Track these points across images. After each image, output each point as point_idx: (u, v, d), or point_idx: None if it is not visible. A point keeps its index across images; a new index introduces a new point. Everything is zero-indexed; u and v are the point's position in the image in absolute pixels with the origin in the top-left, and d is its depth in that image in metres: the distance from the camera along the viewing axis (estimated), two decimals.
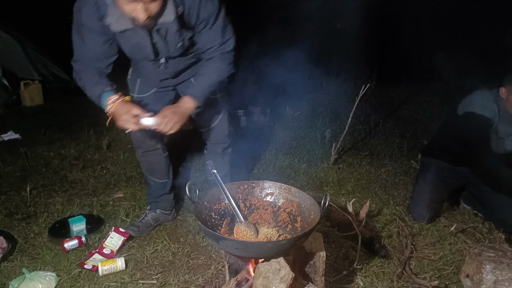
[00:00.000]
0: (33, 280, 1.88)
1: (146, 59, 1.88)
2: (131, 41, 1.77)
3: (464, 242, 2.30)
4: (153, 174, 2.33)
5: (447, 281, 2.02)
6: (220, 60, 1.88)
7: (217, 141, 2.32)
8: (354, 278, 1.99)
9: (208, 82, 1.91)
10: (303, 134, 4.12)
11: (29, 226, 2.43)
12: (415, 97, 5.41)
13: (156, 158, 2.25)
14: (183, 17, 1.71)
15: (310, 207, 1.57)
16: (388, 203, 2.76)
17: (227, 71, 1.93)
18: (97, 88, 1.78)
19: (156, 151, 2.22)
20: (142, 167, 2.37)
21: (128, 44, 1.81)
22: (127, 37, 1.74)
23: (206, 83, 1.91)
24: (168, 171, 2.36)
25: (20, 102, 5.04)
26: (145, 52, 1.81)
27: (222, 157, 2.38)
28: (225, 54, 1.88)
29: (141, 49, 1.80)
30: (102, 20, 1.66)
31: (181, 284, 1.96)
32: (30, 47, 5.46)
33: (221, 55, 1.87)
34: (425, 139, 3.91)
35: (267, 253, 1.39)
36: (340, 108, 4.87)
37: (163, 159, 2.27)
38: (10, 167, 3.22)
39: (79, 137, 3.83)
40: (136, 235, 2.31)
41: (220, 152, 2.36)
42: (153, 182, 2.35)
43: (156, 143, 2.18)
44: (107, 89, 1.78)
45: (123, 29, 1.65)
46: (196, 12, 1.71)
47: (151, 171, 2.32)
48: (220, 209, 1.63)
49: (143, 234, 2.34)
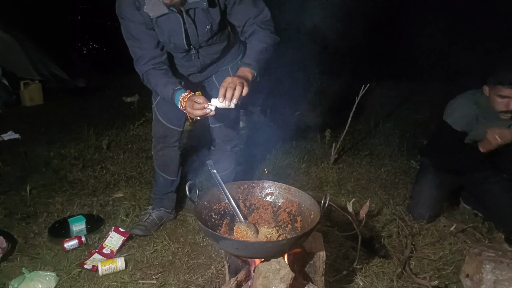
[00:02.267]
0: (33, 280, 1.88)
1: (179, 48, 1.94)
2: (166, 28, 1.84)
3: (464, 242, 2.30)
4: (165, 171, 2.35)
5: (447, 281, 2.01)
6: (262, 30, 1.85)
7: (227, 138, 2.31)
8: (354, 278, 1.99)
9: (259, 48, 1.83)
10: (303, 133, 4.12)
11: (29, 226, 2.43)
12: (415, 97, 5.40)
13: (172, 154, 2.30)
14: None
15: (310, 207, 1.57)
16: (388, 203, 2.76)
17: (273, 38, 1.87)
18: (168, 89, 1.83)
19: (174, 147, 2.28)
20: (155, 162, 2.37)
21: (164, 32, 1.86)
22: (163, 23, 1.82)
23: (257, 49, 1.82)
24: (179, 170, 2.39)
25: (20, 102, 5.04)
26: (179, 39, 1.88)
27: (230, 155, 2.37)
28: (265, 23, 1.86)
29: (176, 36, 1.86)
30: (141, 10, 1.77)
31: (181, 284, 1.96)
32: (30, 47, 5.47)
33: (262, 24, 1.85)
34: (425, 139, 3.90)
35: (267, 253, 1.39)
36: (340, 108, 4.87)
37: (178, 156, 2.32)
38: (10, 167, 3.22)
39: (79, 137, 3.83)
40: (144, 234, 2.31)
41: (228, 149, 2.35)
42: (163, 178, 2.37)
43: (175, 140, 2.25)
44: (177, 88, 1.80)
45: (160, 14, 1.77)
46: None
47: (164, 167, 2.34)
48: (220, 209, 1.63)
49: (151, 233, 2.35)
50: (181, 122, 2.22)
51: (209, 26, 1.85)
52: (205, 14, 1.82)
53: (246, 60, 1.80)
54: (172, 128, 2.21)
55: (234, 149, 2.38)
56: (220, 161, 2.38)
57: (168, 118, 2.19)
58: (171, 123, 2.20)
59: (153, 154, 2.36)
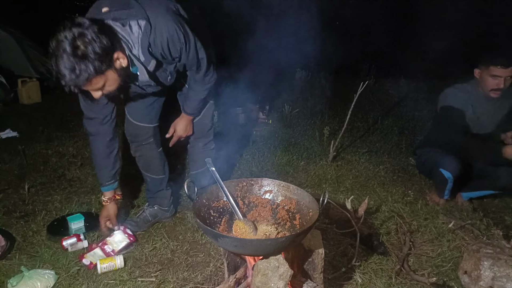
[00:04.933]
0: (31, 278, 1.88)
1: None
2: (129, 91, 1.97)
3: (462, 239, 2.31)
4: (148, 170, 2.35)
5: (445, 278, 2.02)
6: (201, 83, 2.02)
7: (197, 135, 2.32)
8: (352, 275, 2.00)
9: (197, 101, 2.11)
10: (301, 131, 4.12)
11: (27, 224, 2.42)
12: (413, 94, 5.40)
13: (150, 153, 2.29)
14: (160, 62, 1.81)
15: (309, 204, 1.57)
16: (386, 200, 2.77)
17: (210, 86, 2.06)
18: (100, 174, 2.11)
19: (149, 145, 2.26)
20: (138, 164, 2.38)
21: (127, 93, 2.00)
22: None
23: (195, 102, 2.11)
24: (164, 167, 2.38)
25: (18, 100, 5.02)
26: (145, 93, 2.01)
27: (203, 152, 2.35)
28: (205, 75, 1.98)
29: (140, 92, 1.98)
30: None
31: (180, 281, 1.96)
32: (28, 45, 5.45)
33: (202, 77, 1.99)
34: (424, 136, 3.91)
35: (265, 250, 1.39)
36: (339, 105, 4.87)
37: (157, 154, 2.30)
38: (8, 165, 3.22)
39: (77, 135, 3.83)
40: (134, 230, 2.31)
41: (200, 147, 2.35)
42: (150, 178, 2.38)
43: (148, 137, 2.24)
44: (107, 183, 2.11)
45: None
46: (168, 53, 1.78)
47: (147, 167, 2.34)
48: (218, 207, 1.63)
49: (141, 230, 2.35)
50: (151, 119, 2.21)
51: (169, 77, 1.92)
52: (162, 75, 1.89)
53: (187, 109, 2.15)
54: (142, 126, 2.20)
55: (207, 146, 2.37)
56: (193, 159, 2.42)
57: (136, 116, 2.19)
58: (140, 120, 2.19)
59: (133, 156, 2.36)
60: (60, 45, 1.43)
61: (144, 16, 1.66)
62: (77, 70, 1.45)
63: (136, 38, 1.67)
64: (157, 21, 1.69)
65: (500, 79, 2.44)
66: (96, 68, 1.48)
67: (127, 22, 1.65)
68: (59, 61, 1.44)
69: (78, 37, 1.43)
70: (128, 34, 1.65)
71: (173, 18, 1.74)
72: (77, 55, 1.44)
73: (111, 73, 1.57)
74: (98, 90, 1.59)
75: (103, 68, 1.51)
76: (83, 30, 1.44)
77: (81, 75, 1.47)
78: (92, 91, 1.59)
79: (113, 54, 1.56)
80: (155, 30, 1.68)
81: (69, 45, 1.42)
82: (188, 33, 1.79)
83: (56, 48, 1.44)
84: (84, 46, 1.44)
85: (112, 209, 2.15)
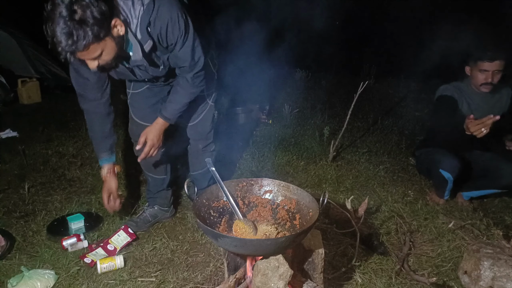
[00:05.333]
0: (31, 278, 1.88)
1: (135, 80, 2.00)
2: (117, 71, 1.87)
3: (462, 239, 2.31)
4: (151, 170, 2.34)
5: (445, 278, 2.02)
6: (190, 84, 1.93)
7: (198, 137, 2.31)
8: (352, 275, 2.00)
9: (179, 105, 1.98)
10: (301, 131, 4.12)
11: (27, 224, 2.42)
12: (413, 94, 5.41)
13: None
14: (156, 45, 1.75)
15: (309, 204, 1.57)
16: (386, 200, 2.77)
17: (197, 91, 1.99)
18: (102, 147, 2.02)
19: None
20: (140, 163, 2.36)
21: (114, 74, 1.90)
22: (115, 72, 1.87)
23: (177, 106, 1.98)
24: (166, 167, 2.37)
25: (18, 100, 5.02)
26: (132, 78, 1.94)
27: (202, 154, 2.34)
28: (195, 76, 1.91)
29: (128, 76, 1.92)
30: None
31: (180, 281, 1.96)
32: (28, 45, 5.44)
33: (192, 78, 1.91)
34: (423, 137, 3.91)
35: (265, 250, 1.39)
36: (339, 105, 4.88)
37: (160, 154, 2.27)
38: (8, 165, 3.22)
39: (77, 135, 3.83)
40: (134, 230, 2.31)
41: (200, 148, 2.34)
42: (151, 178, 2.37)
43: None
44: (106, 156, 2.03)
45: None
46: (165, 36, 1.73)
47: (149, 167, 2.33)
48: (218, 207, 1.63)
49: (141, 230, 2.35)
50: (155, 118, 2.13)
51: (161, 66, 1.86)
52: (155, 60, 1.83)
53: (166, 114, 1.98)
54: (146, 125, 2.10)
55: (207, 148, 2.36)
56: (193, 161, 2.40)
57: (141, 115, 2.18)
58: (144, 120, 2.16)
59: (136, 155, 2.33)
60: (56, 9, 1.35)
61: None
62: (74, 36, 1.38)
63: (137, 14, 1.61)
64: (162, 2, 1.65)
65: (488, 73, 2.54)
66: (95, 33, 1.41)
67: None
68: (55, 25, 1.36)
69: (75, 0, 1.37)
70: (129, 8, 1.60)
71: (178, 5, 1.71)
72: (75, 19, 1.37)
73: (109, 41, 1.51)
74: (95, 59, 1.53)
75: (101, 34, 1.45)
76: None
77: (79, 41, 1.40)
78: (88, 60, 1.52)
79: (111, 21, 1.50)
80: (157, 10, 1.64)
81: (65, 9, 1.35)
82: (189, 26, 1.76)
83: (52, 12, 1.36)
84: (82, 10, 1.37)
85: (113, 182, 2.06)
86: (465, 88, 2.69)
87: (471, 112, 2.66)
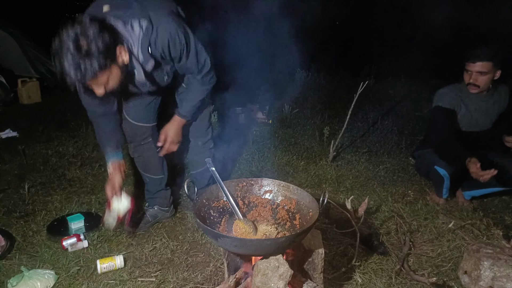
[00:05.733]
0: (31, 278, 1.88)
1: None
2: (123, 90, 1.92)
3: (462, 239, 2.31)
4: (147, 171, 2.35)
5: (445, 278, 2.02)
6: (201, 83, 2.01)
7: (197, 134, 2.33)
8: (352, 275, 2.00)
9: (194, 102, 2.08)
10: (301, 131, 4.12)
11: (27, 224, 2.42)
12: (413, 94, 5.41)
13: (148, 153, 2.28)
14: (159, 62, 1.81)
15: (309, 204, 1.57)
16: (386, 200, 2.77)
17: (209, 87, 2.07)
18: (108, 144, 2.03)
19: (147, 144, 2.26)
20: (137, 164, 2.38)
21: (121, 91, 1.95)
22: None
23: (192, 103, 2.08)
24: (163, 167, 2.37)
25: (18, 100, 5.02)
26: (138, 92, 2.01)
27: (202, 151, 2.36)
28: (205, 76, 1.98)
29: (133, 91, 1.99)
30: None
31: (180, 281, 1.96)
32: (28, 45, 5.45)
33: (202, 78, 1.98)
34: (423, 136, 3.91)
35: (265, 250, 1.39)
36: (339, 105, 4.87)
37: (156, 154, 2.29)
38: (8, 165, 3.22)
39: (77, 135, 3.82)
40: (134, 231, 2.31)
41: (199, 145, 2.36)
42: (149, 178, 2.38)
43: (146, 137, 2.24)
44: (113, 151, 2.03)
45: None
46: (168, 53, 1.79)
47: (146, 167, 2.34)
48: (218, 207, 1.63)
49: (141, 230, 2.35)
50: (149, 118, 2.21)
51: (166, 77, 1.93)
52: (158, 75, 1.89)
53: (182, 111, 2.09)
54: (140, 125, 2.20)
55: (206, 145, 2.37)
56: (193, 159, 2.42)
57: (134, 116, 2.19)
58: (137, 120, 2.19)
59: (132, 156, 2.35)
60: (64, 44, 1.45)
61: (146, 16, 1.67)
62: (82, 68, 1.48)
63: (137, 38, 1.68)
64: (160, 22, 1.70)
65: (471, 73, 2.57)
66: (101, 63, 1.51)
67: (129, 21, 1.66)
68: (64, 60, 1.47)
69: (80, 35, 1.46)
70: (129, 33, 1.66)
71: (175, 19, 1.76)
72: (81, 52, 1.46)
73: (114, 68, 1.60)
74: (102, 86, 1.61)
75: (107, 63, 1.54)
76: (84, 28, 1.46)
77: (87, 72, 1.49)
78: (95, 87, 1.61)
79: (116, 49, 1.58)
80: (157, 31, 1.69)
81: (72, 44, 1.45)
82: (189, 35, 1.81)
83: (60, 48, 1.46)
84: (87, 43, 1.47)
85: (117, 179, 2.06)
86: (463, 89, 2.69)
87: (470, 113, 2.67)
